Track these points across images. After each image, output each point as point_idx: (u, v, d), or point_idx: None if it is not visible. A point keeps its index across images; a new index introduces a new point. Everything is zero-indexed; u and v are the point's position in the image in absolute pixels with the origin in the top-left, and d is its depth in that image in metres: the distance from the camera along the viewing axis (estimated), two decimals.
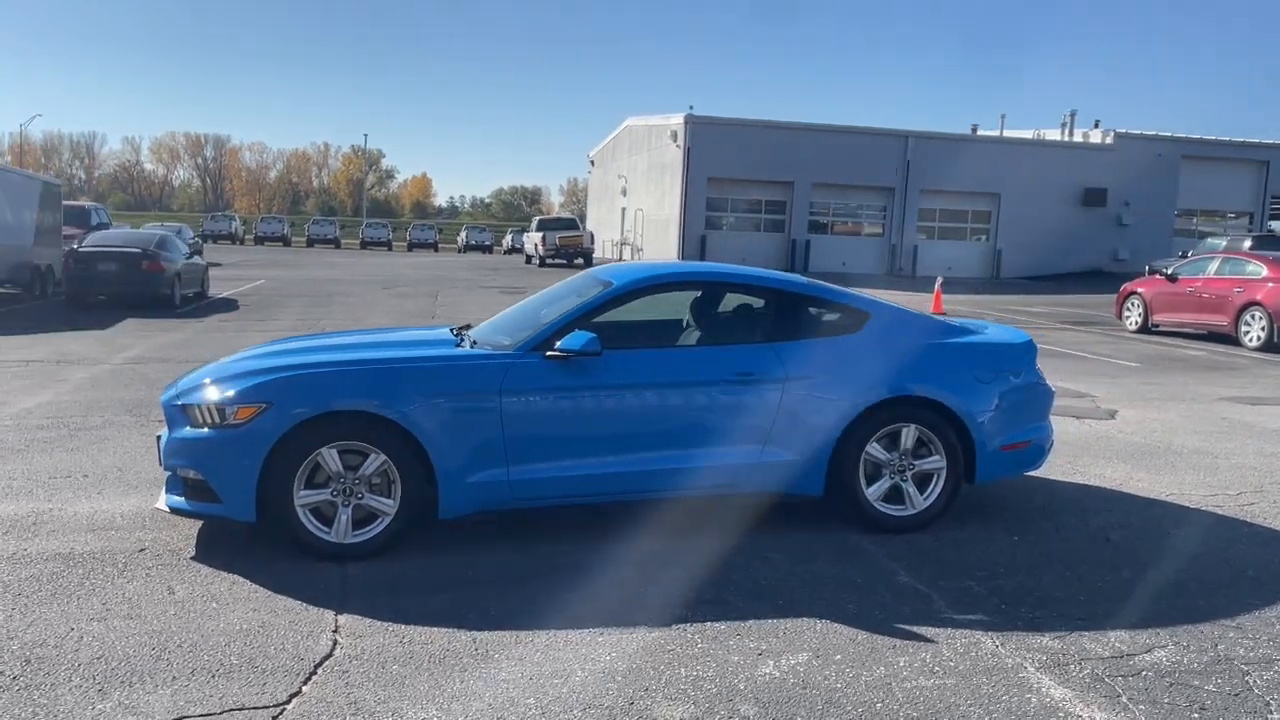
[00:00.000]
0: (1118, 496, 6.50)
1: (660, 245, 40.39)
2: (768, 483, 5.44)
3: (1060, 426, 8.75)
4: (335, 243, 63.57)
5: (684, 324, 6.16)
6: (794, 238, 38.91)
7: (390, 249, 61.92)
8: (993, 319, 21.50)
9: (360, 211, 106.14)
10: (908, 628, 4.22)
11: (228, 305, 20.40)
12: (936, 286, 22.31)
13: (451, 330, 6.00)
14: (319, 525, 4.90)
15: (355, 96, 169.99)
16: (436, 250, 62.77)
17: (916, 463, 5.59)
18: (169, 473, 5.04)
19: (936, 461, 5.60)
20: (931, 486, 5.63)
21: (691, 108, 38.38)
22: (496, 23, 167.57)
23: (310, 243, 63.06)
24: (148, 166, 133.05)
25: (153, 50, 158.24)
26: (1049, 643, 4.11)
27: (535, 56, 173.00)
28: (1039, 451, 5.92)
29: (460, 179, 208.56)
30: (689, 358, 5.41)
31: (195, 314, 18.31)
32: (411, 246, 64.57)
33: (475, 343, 5.45)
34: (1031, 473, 6.50)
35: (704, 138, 37.76)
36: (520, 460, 5.07)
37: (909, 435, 5.54)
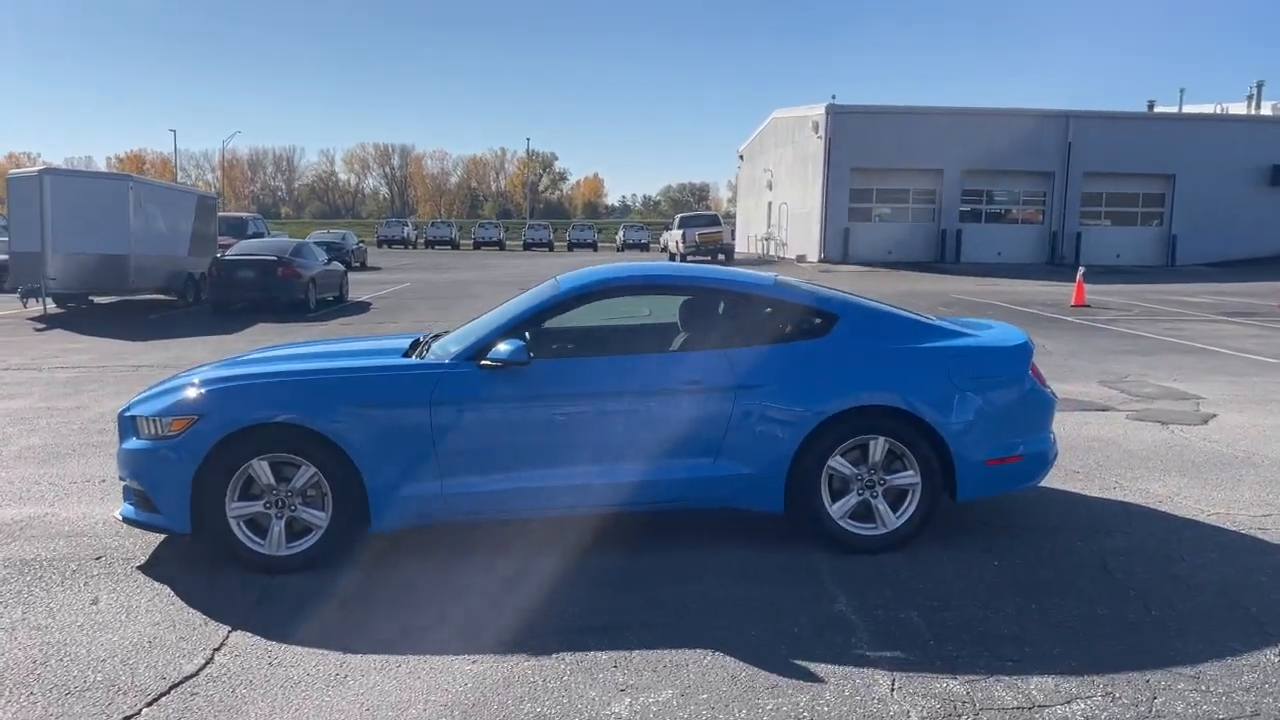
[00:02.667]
0: (1149, 515, 5.80)
1: (803, 239, 39.60)
2: (721, 498, 5.13)
3: (1138, 433, 7.96)
4: (499, 245, 65.83)
5: (638, 330, 5.91)
6: (944, 227, 37.34)
7: (551, 249, 63.45)
8: (1145, 310, 19.94)
9: (533, 214, 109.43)
10: (804, 664, 3.86)
11: (360, 309, 21.28)
12: (1078, 277, 20.85)
13: (422, 338, 5.97)
14: (253, 537, 4.95)
15: (529, 102, 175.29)
16: (595, 250, 63.83)
17: (888, 478, 5.15)
18: (123, 483, 5.23)
19: (910, 477, 5.15)
20: (906, 504, 5.17)
21: (834, 97, 37.45)
22: (668, 18, 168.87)
23: (476, 245, 65.53)
24: (341, 176, 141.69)
25: (346, 65, 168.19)
26: (955, 688, 3.67)
27: (706, 51, 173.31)
28: (1035, 466, 5.35)
29: (631, 178, 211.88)
30: (632, 366, 5.17)
31: (325, 317, 19.19)
32: (572, 247, 65.89)
33: (424, 353, 5.39)
34: (1067, 488, 5.92)
35: (846, 127, 36.72)
36: (453, 473, 4.98)
37: (878, 448, 5.11)
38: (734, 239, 41.59)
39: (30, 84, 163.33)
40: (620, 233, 68.62)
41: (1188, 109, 43.81)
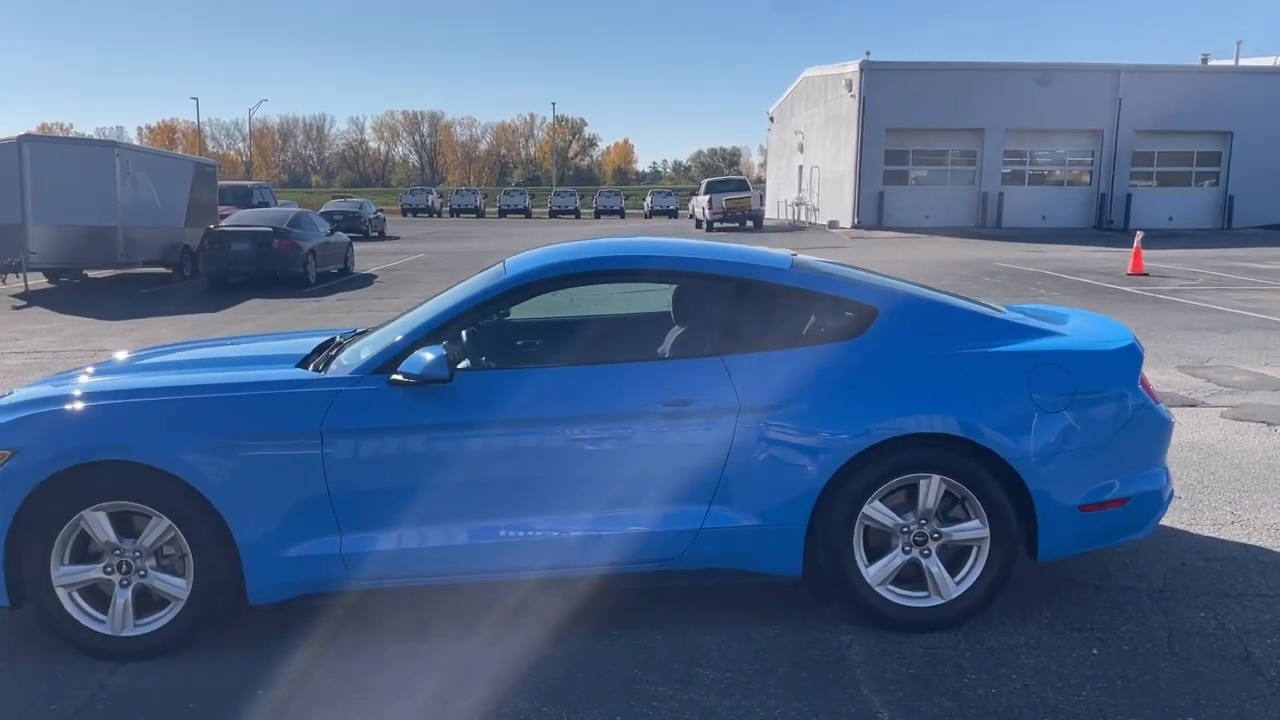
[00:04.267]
0: None
1: (835, 204, 37.91)
2: (717, 558, 3.82)
3: (1240, 438, 6.53)
4: (526, 213, 64.41)
5: (614, 328, 4.61)
6: (985, 190, 35.53)
7: (578, 216, 62.05)
8: (1211, 278, 18.23)
9: (561, 180, 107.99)
10: None
11: (363, 282, 20.08)
12: (1136, 243, 19.18)
13: (339, 336, 4.68)
14: (91, 611, 3.71)
15: (558, 67, 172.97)
16: (623, 216, 62.30)
17: (945, 530, 3.82)
18: None
19: (974, 529, 3.81)
20: (968, 565, 3.84)
21: (868, 53, 35.57)
22: None
23: (503, 213, 64.22)
24: (371, 145, 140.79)
25: (374, 32, 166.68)
26: None
27: (738, 9, 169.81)
28: (1145, 512, 3.98)
29: (661, 144, 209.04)
30: (594, 381, 3.83)
31: (324, 292, 18.01)
32: (599, 214, 64.35)
33: (326, 362, 4.08)
34: (1166, 521, 4.53)
35: (881, 85, 34.89)
36: (356, 526, 3.70)
37: (932, 490, 3.78)
38: (763, 205, 39.97)
39: (62, 54, 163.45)
40: (648, 199, 66.94)
41: (1245, 62, 41.36)
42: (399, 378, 3.69)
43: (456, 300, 4.01)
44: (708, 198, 37.46)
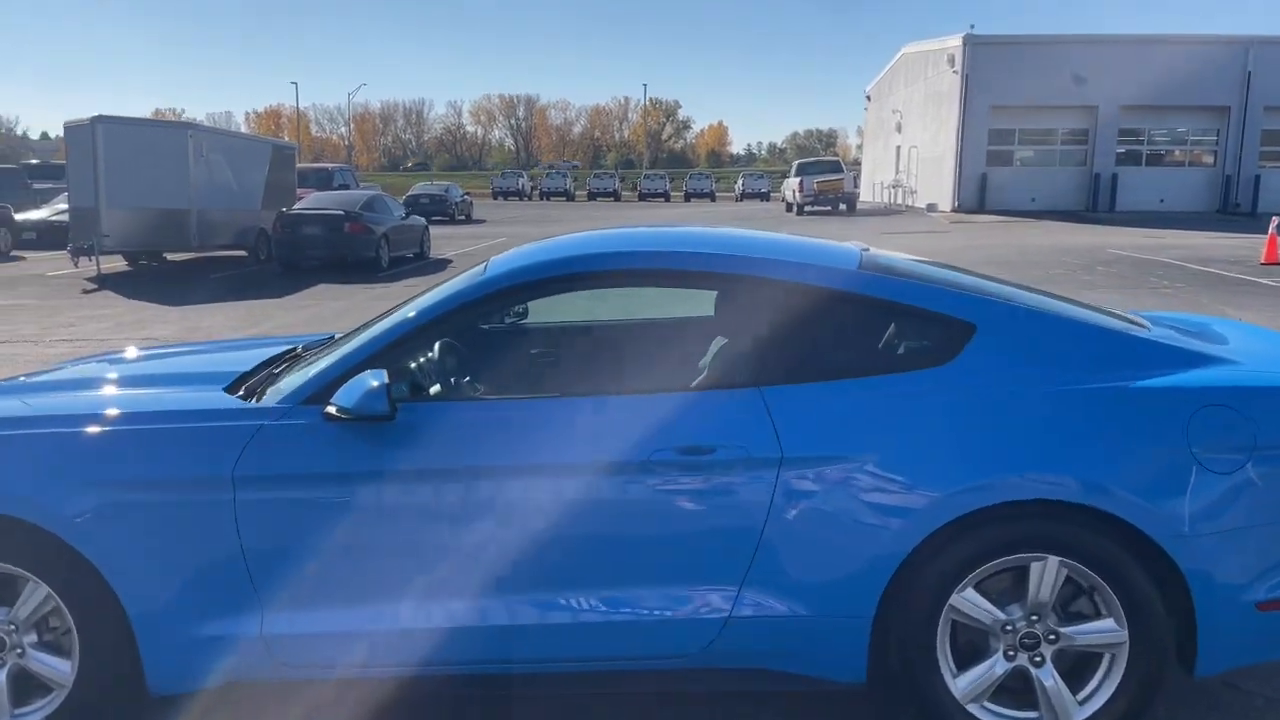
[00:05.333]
0: None
1: (934, 186, 36.14)
2: (752, 655, 2.88)
3: None
4: (615, 195, 63.81)
5: (629, 338, 3.70)
6: (1097, 171, 33.36)
7: (668, 200, 61.21)
8: None
9: (654, 164, 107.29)
10: None
11: (436, 267, 19.52)
12: (1271, 229, 17.34)
13: (300, 347, 3.84)
14: None
15: (653, 49, 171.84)
16: (713, 199, 61.15)
17: (1065, 631, 2.81)
18: None
19: (1107, 631, 2.80)
20: (1097, 679, 2.83)
21: (973, 27, 33.63)
22: None
23: (591, 196, 63.70)
24: (468, 129, 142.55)
25: (473, 16, 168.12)
26: None
27: None
28: None
29: (756, 126, 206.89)
30: (586, 417, 2.90)
31: (394, 278, 17.49)
32: (689, 197, 63.23)
33: (263, 385, 3.24)
34: None
35: (986, 60, 32.97)
36: (282, 600, 2.88)
37: (1047, 576, 2.77)
38: (857, 187, 38.41)
39: (175, 40, 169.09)
40: (739, 182, 65.53)
41: None
42: (332, 410, 2.83)
43: (419, 309, 3.13)
44: (798, 180, 36.06)
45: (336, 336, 3.86)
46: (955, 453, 2.76)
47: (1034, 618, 2.80)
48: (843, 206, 35.63)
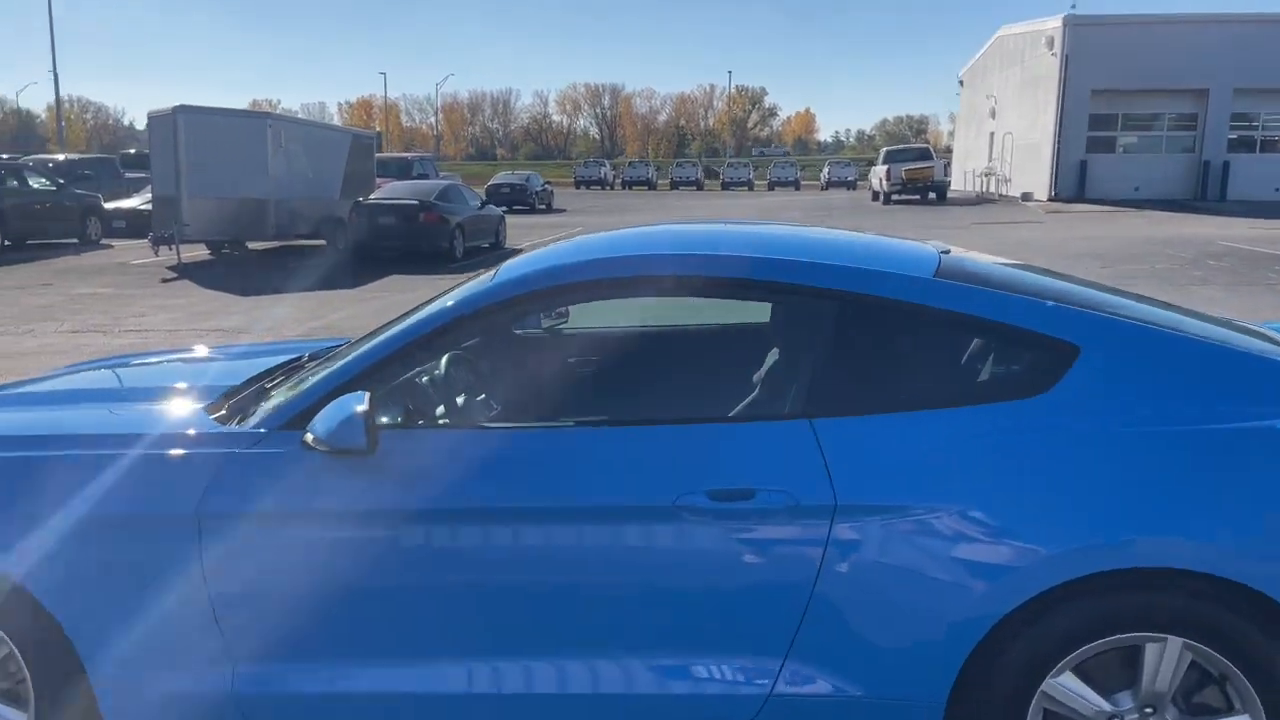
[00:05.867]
0: None
1: (1030, 174, 34.69)
2: None
3: None
4: (697, 185, 63.28)
5: (641, 364, 3.21)
6: (1207, 159, 31.58)
7: (751, 189, 60.51)
8: None
9: (740, 152, 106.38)
10: None
11: (511, 257, 19.30)
12: None
13: (306, 356, 3.46)
14: None
15: (739, 35, 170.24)
16: (798, 188, 60.16)
17: None
18: None
19: None
20: None
21: (1074, 6, 32.11)
22: None
23: (673, 186, 63.30)
24: (554, 118, 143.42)
25: (561, 5, 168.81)
26: None
27: None
28: None
29: (845, 112, 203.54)
30: (602, 449, 2.45)
31: (467, 269, 17.26)
32: (773, 185, 62.30)
33: (251, 402, 2.86)
34: None
35: (1087, 42, 31.43)
36: (255, 654, 2.50)
37: (1167, 661, 2.23)
38: (947, 175, 37.02)
39: (271, 31, 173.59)
40: (825, 170, 64.27)
41: None
42: (309, 438, 2.43)
43: (414, 321, 2.70)
44: (885, 168, 34.98)
45: (316, 351, 3.48)
46: (1053, 506, 2.23)
47: (1148, 710, 2.26)
48: (932, 195, 34.45)
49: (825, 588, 2.29)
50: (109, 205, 22.56)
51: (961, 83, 50.22)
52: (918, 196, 34.57)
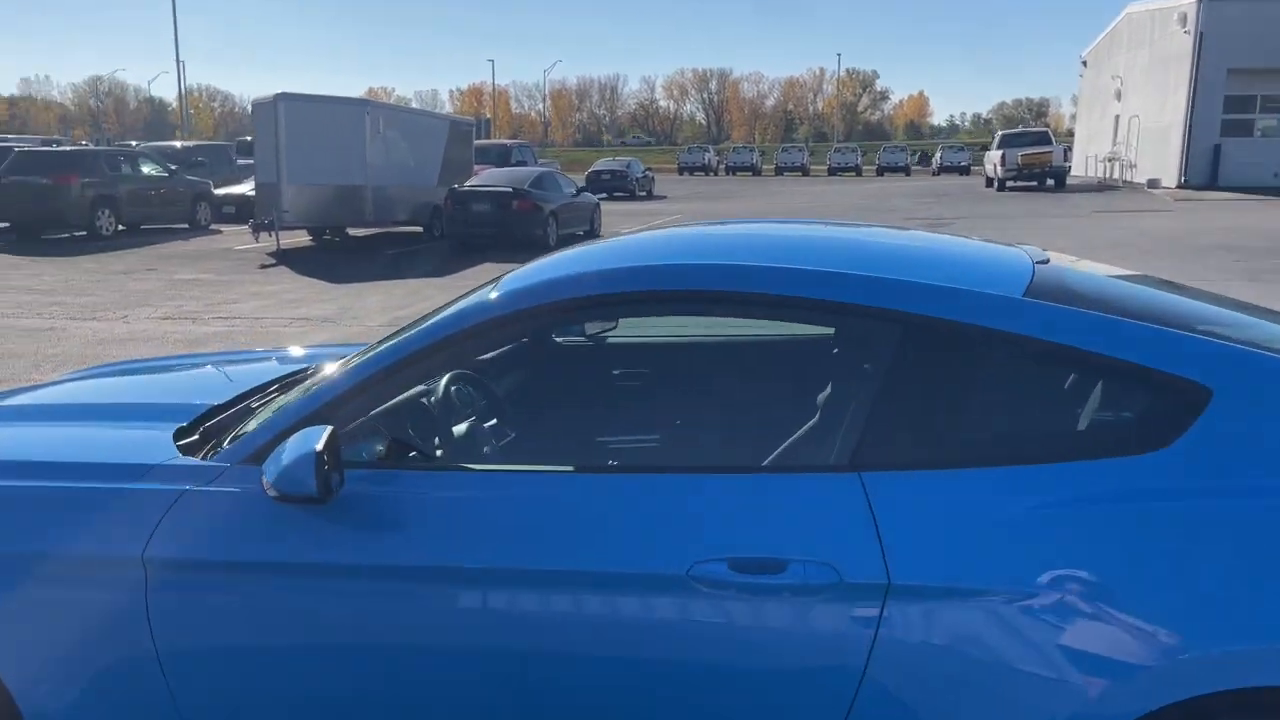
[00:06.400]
0: None
1: (1157, 159, 32.75)
2: None
3: None
4: (803, 170, 62.24)
5: (660, 390, 2.77)
6: None
7: (859, 174, 59.19)
8: None
9: (849, 137, 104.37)
10: None
11: None
12: None
13: (309, 370, 3.13)
14: None
15: (851, 18, 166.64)
16: (908, 174, 58.51)
17: None
18: None
19: None
20: None
21: None
22: None
23: (778, 171, 62.38)
24: (661, 103, 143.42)
25: None
26: None
27: None
28: None
29: (960, 96, 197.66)
30: (601, 501, 2.04)
31: None
32: (882, 171, 60.71)
33: (241, 419, 2.54)
34: None
35: (1223, 18, 29.42)
36: (205, 716, 2.17)
37: None
38: (1068, 160, 35.25)
39: (387, 20, 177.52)
40: (937, 154, 62.25)
41: None
42: (265, 481, 2.09)
43: (396, 341, 2.32)
44: (1000, 153, 33.46)
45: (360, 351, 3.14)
46: (1182, 595, 1.74)
47: None
48: (1050, 182, 32.83)
49: (871, 690, 1.85)
50: (219, 191, 23.13)
51: (1085, 64, 47.85)
52: (1035, 183, 33.01)
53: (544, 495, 2.05)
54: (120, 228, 20.20)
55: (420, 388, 2.52)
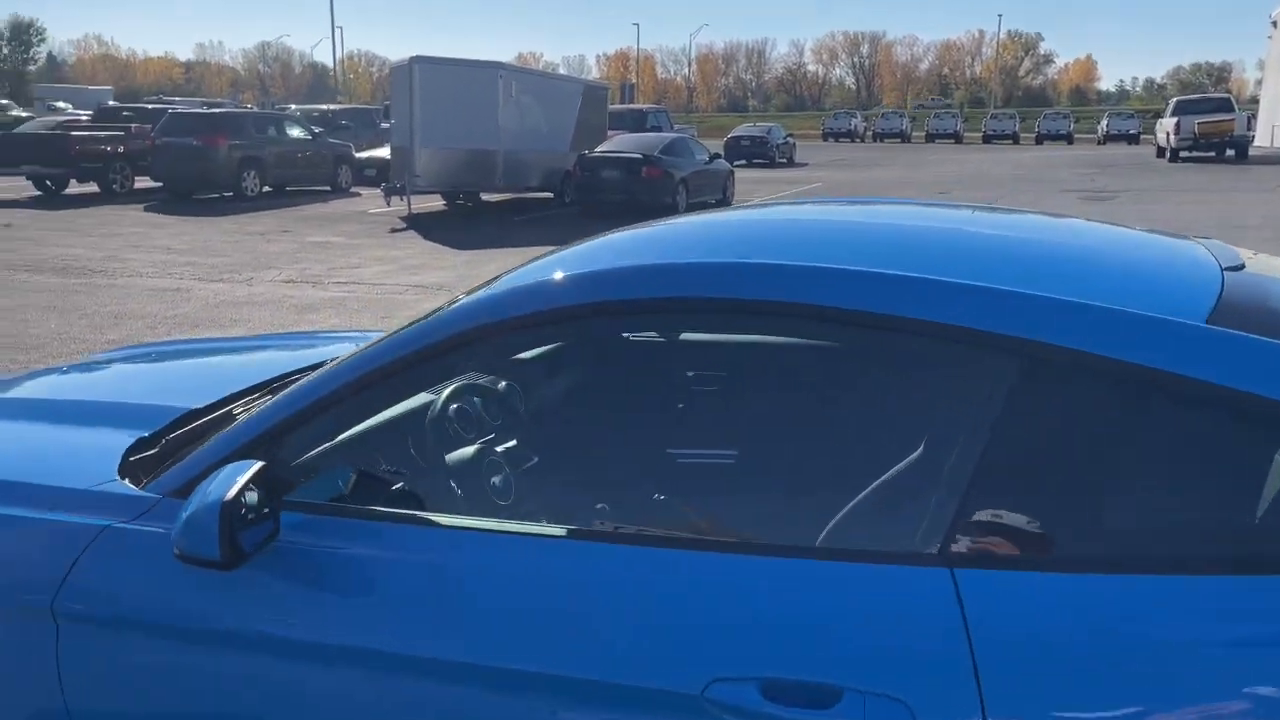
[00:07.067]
0: None
1: None
2: None
3: None
4: (955, 137, 59.61)
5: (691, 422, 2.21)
6: None
7: (1016, 142, 56.29)
8: None
9: (1009, 103, 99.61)
10: None
11: None
12: None
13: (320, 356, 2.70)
14: None
15: None
16: (1070, 142, 55.20)
17: None
18: None
19: None
20: None
21: None
22: None
23: (929, 138, 59.97)
24: (809, 68, 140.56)
25: None
26: None
27: None
28: None
29: (1130, 59, 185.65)
30: (585, 582, 1.53)
31: None
32: (1041, 139, 57.45)
33: (217, 425, 2.14)
34: None
35: None
36: None
37: None
38: (1251, 129, 32.33)
39: None
40: (1103, 122, 58.40)
41: None
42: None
43: (353, 360, 1.84)
44: (1174, 120, 30.89)
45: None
46: None
47: None
48: (1230, 153, 30.17)
49: None
50: (360, 154, 23.49)
51: (1275, 24, 43.85)
52: (1212, 154, 30.40)
53: (520, 566, 1.56)
54: (265, 189, 20.74)
55: (410, 403, 2.07)
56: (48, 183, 20.14)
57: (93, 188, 20.19)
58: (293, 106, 36.87)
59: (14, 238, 14.07)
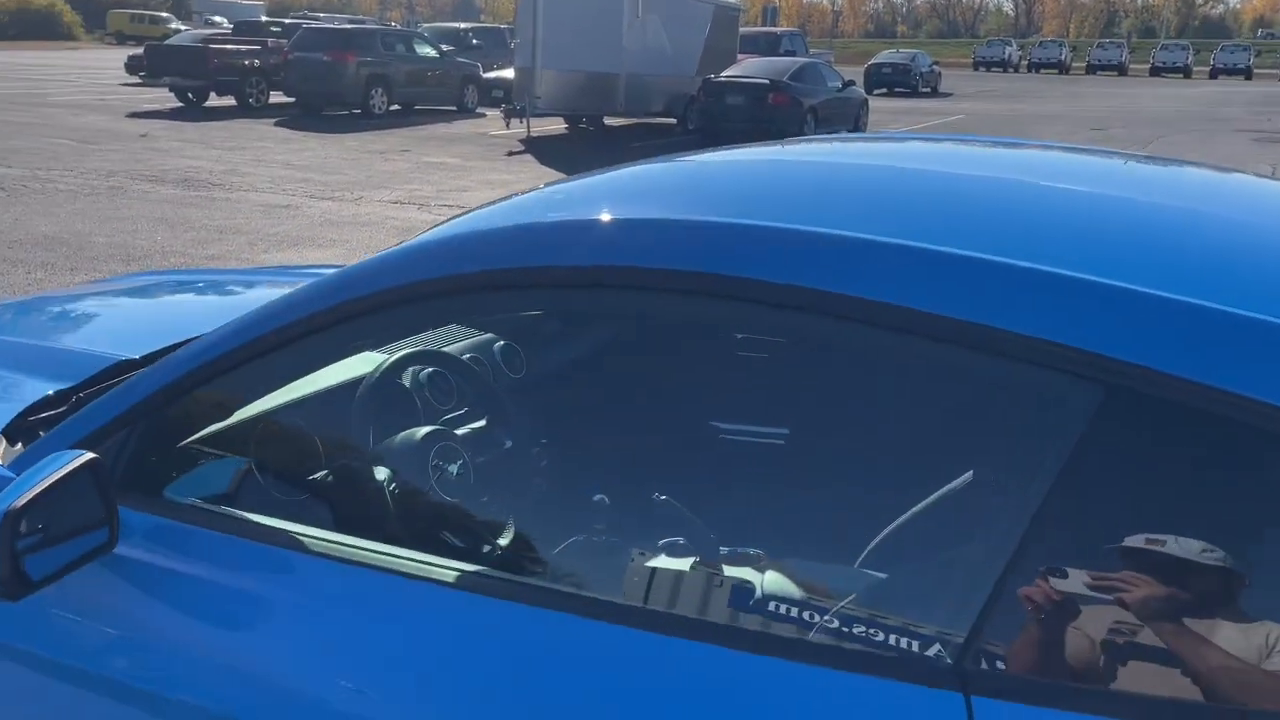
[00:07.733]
0: None
1: None
2: None
3: None
4: (1119, 69, 55.94)
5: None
6: None
7: (1188, 76, 52.39)
8: None
9: (1183, 33, 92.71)
10: None
11: None
12: None
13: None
14: None
15: None
16: (1248, 77, 51.00)
17: None
18: None
19: None
20: None
21: None
22: None
23: (1090, 69, 56.45)
24: None
25: None
26: None
27: None
28: None
29: None
30: (475, 643, 1.21)
31: None
32: (1215, 73, 53.18)
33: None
34: None
35: None
36: None
37: None
38: None
39: None
40: None
41: None
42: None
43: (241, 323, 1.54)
44: None
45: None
46: None
47: None
48: None
49: None
50: (488, 75, 23.38)
51: None
52: None
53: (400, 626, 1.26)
54: (393, 107, 20.85)
55: (344, 374, 1.79)
56: (189, 95, 20.77)
57: (230, 101, 20.73)
58: (421, 25, 36.99)
59: (147, 148, 14.52)
